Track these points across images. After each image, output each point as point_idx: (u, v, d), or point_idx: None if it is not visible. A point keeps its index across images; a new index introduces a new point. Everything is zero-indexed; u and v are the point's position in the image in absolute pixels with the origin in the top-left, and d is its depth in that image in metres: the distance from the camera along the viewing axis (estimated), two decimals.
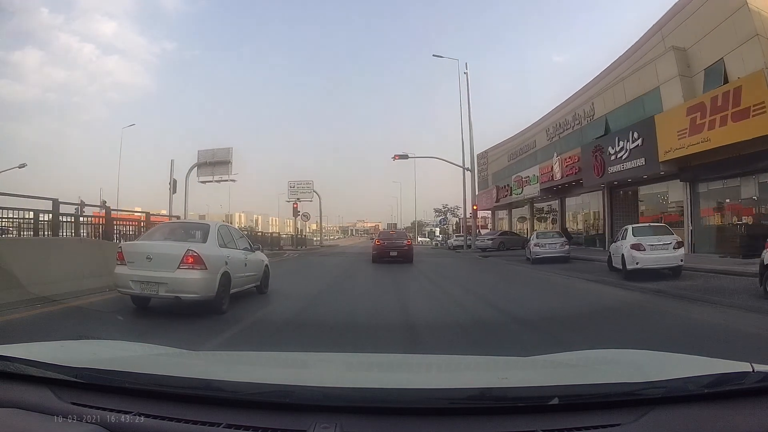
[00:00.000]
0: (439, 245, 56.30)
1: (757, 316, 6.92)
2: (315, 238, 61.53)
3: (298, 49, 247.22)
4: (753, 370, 1.46)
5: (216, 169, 35.32)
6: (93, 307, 7.54)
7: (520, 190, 35.85)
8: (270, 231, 64.12)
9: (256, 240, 16.12)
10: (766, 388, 1.40)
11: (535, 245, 19.85)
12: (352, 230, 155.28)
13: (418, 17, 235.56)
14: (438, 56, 35.18)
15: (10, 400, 1.47)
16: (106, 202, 26.29)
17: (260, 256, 9.87)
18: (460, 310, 8.18)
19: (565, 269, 16.14)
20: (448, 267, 19.44)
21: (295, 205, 43.98)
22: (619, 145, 21.67)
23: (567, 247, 19.81)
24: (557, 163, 28.72)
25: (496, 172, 45.47)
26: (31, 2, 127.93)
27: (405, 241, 21.60)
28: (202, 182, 36.01)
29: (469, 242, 35.44)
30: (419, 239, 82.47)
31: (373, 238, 29.25)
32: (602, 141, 23.73)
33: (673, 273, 12.14)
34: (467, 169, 35.13)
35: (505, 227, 43.57)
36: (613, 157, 22.17)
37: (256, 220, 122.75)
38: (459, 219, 56.34)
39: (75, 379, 1.53)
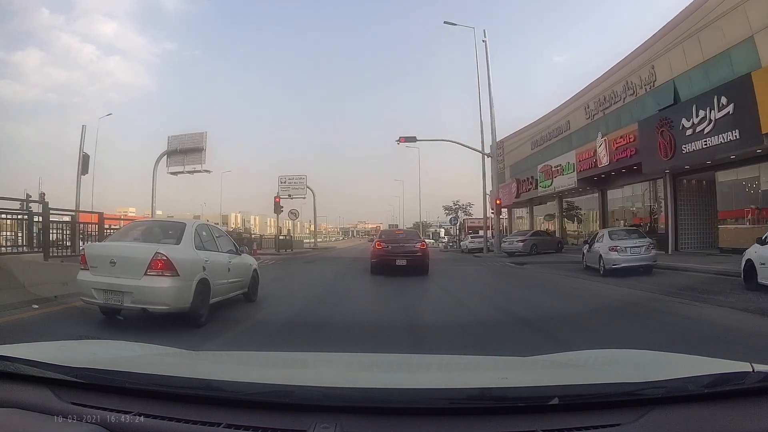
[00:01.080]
0: (448, 248, 49.37)
1: None
2: (308, 240, 57.72)
3: (298, 48, 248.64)
4: (753, 370, 1.46)
5: (188, 158, 29.86)
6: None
7: (549, 182, 30.49)
8: (239, 229, 58.54)
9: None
10: (766, 388, 1.41)
11: (611, 249, 13.92)
12: (352, 231, 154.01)
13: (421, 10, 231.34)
14: (450, 23, 30.06)
15: (10, 400, 1.48)
16: (45, 194, 24.43)
17: (248, 260, 8.98)
18: None
19: (673, 287, 10.36)
20: (486, 284, 13.59)
21: (276, 200, 35.35)
22: (698, 116, 16.84)
23: (653, 252, 14.31)
24: (603, 146, 23.93)
25: (516, 164, 39.05)
26: (31, 2, 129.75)
27: (417, 245, 15.18)
28: (172, 173, 30.64)
29: (490, 244, 30.10)
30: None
31: (372, 240, 20.35)
32: (670, 112, 18.87)
33: None
34: (488, 155, 29.46)
35: (526, 227, 37.92)
36: (689, 132, 17.33)
37: (254, 221, 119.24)
38: (464, 219, 52.36)
39: (75, 379, 1.54)
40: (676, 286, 10.57)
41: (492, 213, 31.67)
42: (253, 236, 38.57)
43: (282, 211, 37.01)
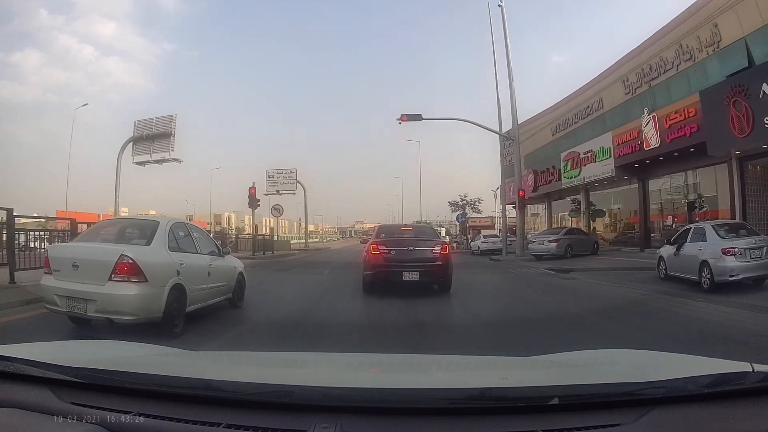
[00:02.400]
0: (453, 246, 43.11)
1: None
2: (296, 240, 53.59)
3: (297, 40, 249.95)
4: (753, 370, 1.47)
5: (155, 145, 26.16)
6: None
7: (576, 172, 26.30)
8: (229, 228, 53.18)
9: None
10: (766, 388, 1.41)
11: (726, 252, 9.75)
12: (350, 231, 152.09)
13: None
14: None
15: (10, 400, 1.49)
16: None
17: (232, 262, 8.13)
18: None
19: None
20: (554, 316, 7.78)
21: (251, 191, 28.06)
22: None
23: None
24: (650, 124, 19.72)
25: (532, 153, 33.59)
26: (30, 3, 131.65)
27: (436, 248, 10.01)
28: (138, 164, 26.99)
29: (509, 245, 25.98)
30: None
31: (366, 240, 13.38)
32: (744, 78, 15.29)
33: None
34: (509, 138, 25.15)
35: (542, 225, 34.29)
36: None
37: (248, 221, 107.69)
38: (466, 218, 47.93)
39: (75, 379, 1.55)
40: None
41: (514, 208, 27.44)
42: (227, 236, 33.65)
43: (259, 205, 29.82)
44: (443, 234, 67.88)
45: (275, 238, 38.00)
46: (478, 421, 1.36)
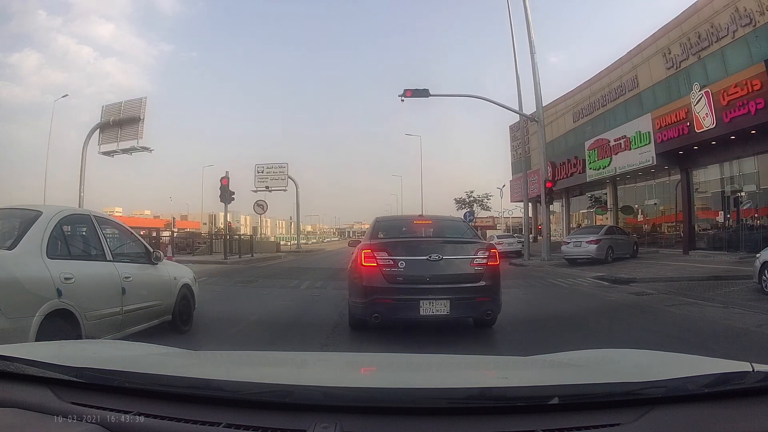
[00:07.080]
0: None
1: None
2: (287, 241, 50.97)
3: (299, 44, 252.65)
4: (753, 370, 1.47)
5: (123, 132, 23.51)
6: None
7: (605, 162, 23.46)
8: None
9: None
10: (766, 388, 1.41)
11: None
12: (349, 232, 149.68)
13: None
14: None
15: (10, 400, 1.48)
16: None
17: (171, 271, 6.10)
18: None
19: None
20: None
21: (224, 182, 23.80)
22: None
23: None
24: (702, 101, 17.06)
25: (548, 144, 26.55)
26: (29, 4, 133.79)
27: (480, 255, 5.77)
28: (105, 153, 24.26)
29: (533, 246, 23.19)
30: None
31: (357, 242, 6.80)
32: None
33: None
34: (532, 119, 22.62)
35: (561, 224, 31.50)
36: None
37: (244, 221, 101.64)
38: (474, 217, 44.85)
39: (75, 379, 1.55)
40: None
41: (539, 203, 24.45)
42: (174, 235, 27.70)
43: (233, 199, 24.99)
44: None
45: (264, 238, 35.46)
46: (478, 421, 1.36)
